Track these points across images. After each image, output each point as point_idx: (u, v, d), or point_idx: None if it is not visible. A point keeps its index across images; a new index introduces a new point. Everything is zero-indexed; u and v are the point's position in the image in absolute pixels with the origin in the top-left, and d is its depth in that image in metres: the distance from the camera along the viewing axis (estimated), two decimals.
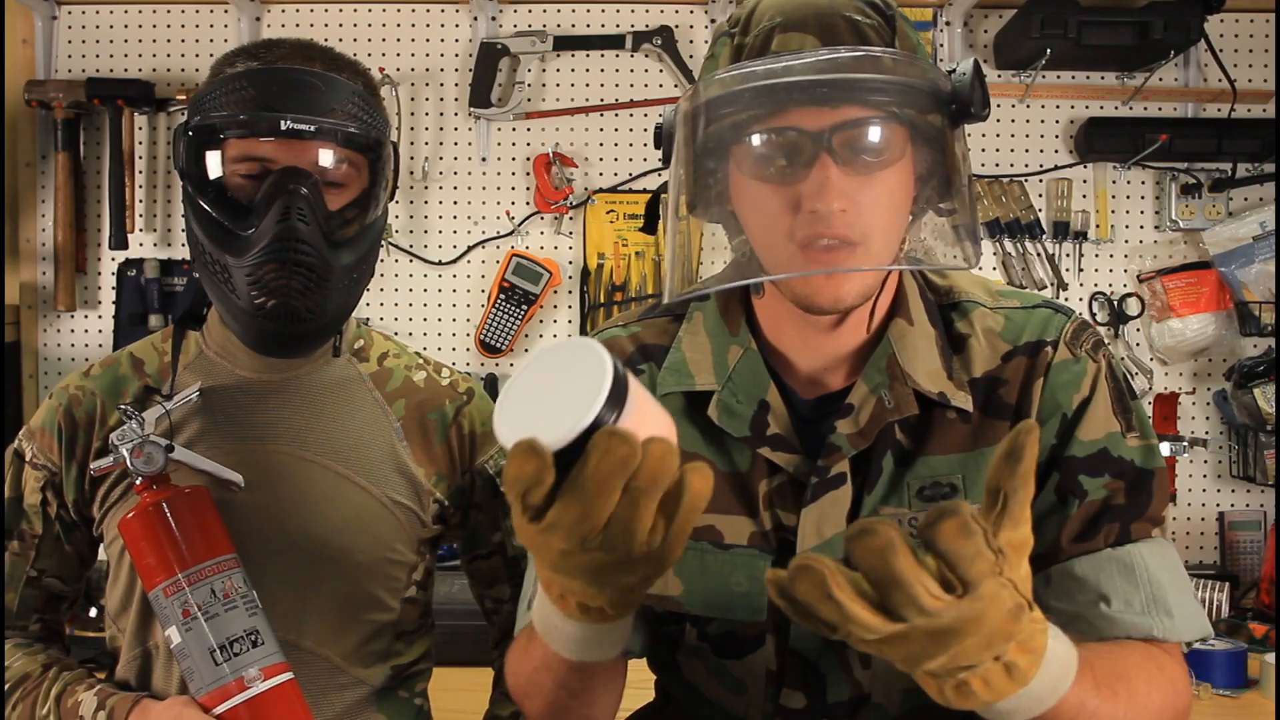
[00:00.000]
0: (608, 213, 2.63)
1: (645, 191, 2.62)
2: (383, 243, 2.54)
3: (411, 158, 2.62)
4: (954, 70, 1.00)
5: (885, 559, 0.70)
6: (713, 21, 2.61)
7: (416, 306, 2.65)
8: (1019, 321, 1.08)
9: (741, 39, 1.01)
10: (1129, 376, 1.11)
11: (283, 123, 1.14)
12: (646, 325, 1.18)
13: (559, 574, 0.77)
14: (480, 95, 2.58)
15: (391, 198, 1.27)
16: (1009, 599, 0.72)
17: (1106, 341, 1.09)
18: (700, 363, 1.11)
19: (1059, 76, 2.60)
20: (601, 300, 2.62)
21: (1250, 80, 2.60)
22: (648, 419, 0.76)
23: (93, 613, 2.24)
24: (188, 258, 2.59)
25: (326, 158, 1.17)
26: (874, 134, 0.96)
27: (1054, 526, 1.04)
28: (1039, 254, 2.62)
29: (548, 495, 0.73)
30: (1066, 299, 2.61)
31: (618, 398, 0.74)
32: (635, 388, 0.76)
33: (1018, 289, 1.13)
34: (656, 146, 1.09)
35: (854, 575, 0.72)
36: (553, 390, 0.75)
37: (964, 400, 1.05)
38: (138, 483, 1.15)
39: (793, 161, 0.97)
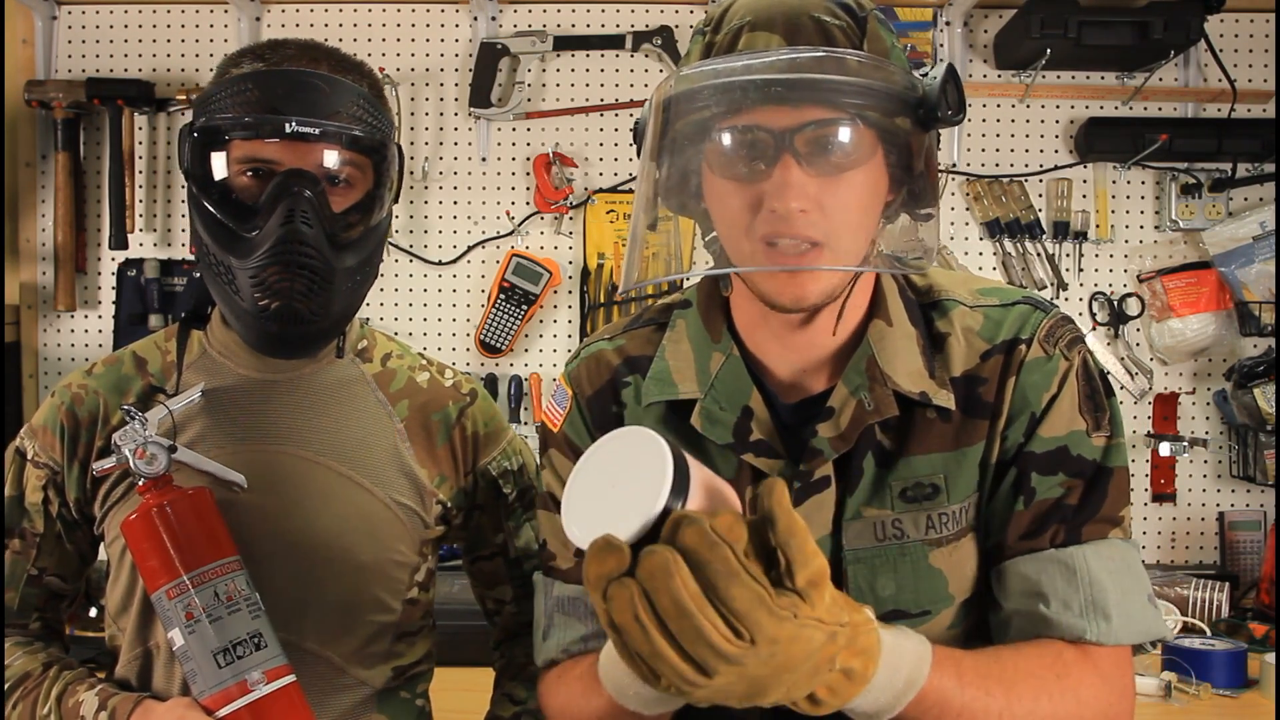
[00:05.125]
0: (608, 213, 2.63)
1: None
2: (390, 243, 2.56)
3: (411, 158, 2.62)
4: (927, 73, 0.99)
5: (666, 584, 0.71)
6: None
7: (416, 306, 2.65)
8: (996, 319, 1.08)
9: (713, 37, 1.02)
10: (1105, 374, 1.10)
11: (288, 125, 1.14)
12: (631, 336, 1.17)
13: None
14: (480, 95, 2.58)
15: (396, 199, 1.27)
16: (815, 634, 0.75)
17: (1084, 338, 1.09)
18: (683, 371, 1.10)
19: (1059, 76, 2.61)
20: (601, 300, 2.62)
21: (1250, 80, 2.60)
22: (710, 494, 0.79)
23: (92, 613, 2.24)
24: (188, 258, 2.60)
25: (331, 160, 1.17)
26: (837, 135, 0.96)
27: (1005, 522, 1.04)
28: (1039, 254, 2.62)
29: None
30: (1066, 299, 2.61)
31: (681, 481, 0.76)
32: (694, 467, 0.79)
33: (999, 286, 1.12)
34: (634, 144, 1.09)
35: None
36: (614, 483, 0.79)
37: (945, 399, 1.05)
38: (140, 484, 1.15)
39: (756, 160, 0.97)
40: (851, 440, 1.04)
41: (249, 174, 1.16)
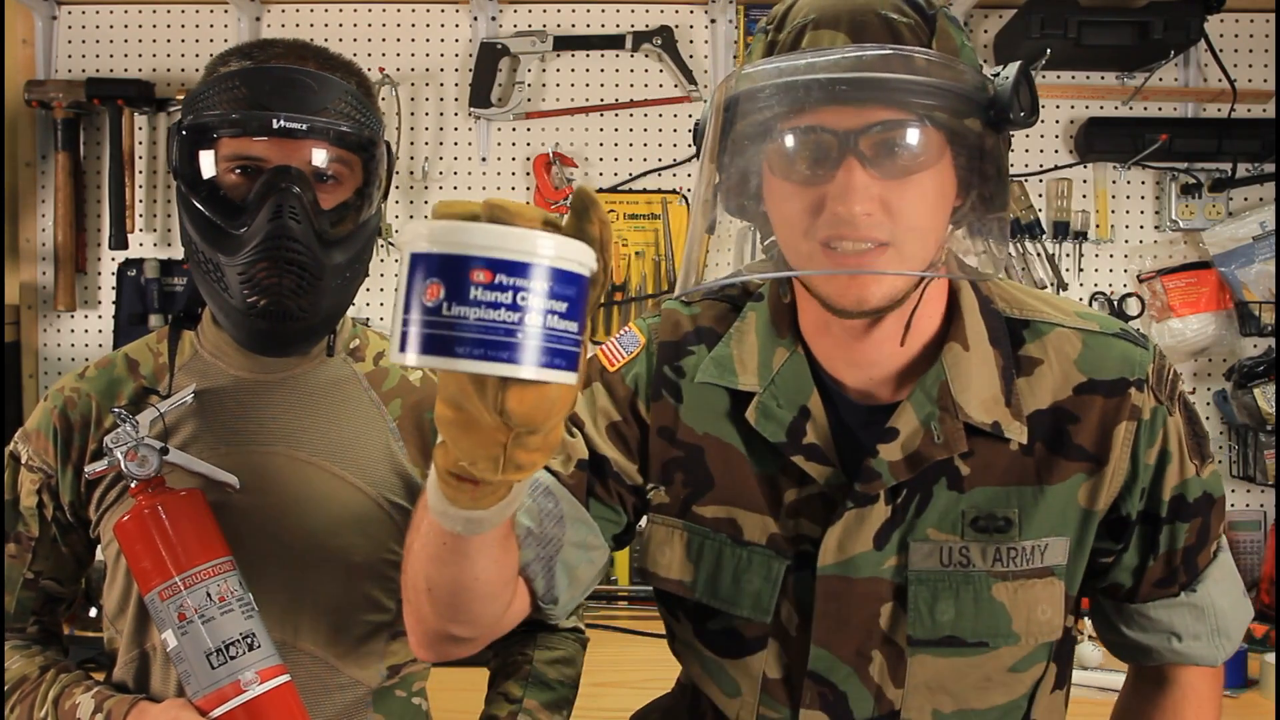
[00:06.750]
0: (608, 213, 2.62)
1: (645, 191, 2.62)
2: (382, 242, 2.56)
3: (411, 158, 2.62)
4: (998, 74, 0.95)
5: None
6: (712, 22, 2.61)
7: None
8: (1098, 351, 1.04)
9: (775, 35, 0.98)
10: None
11: (275, 121, 1.14)
12: (707, 307, 1.15)
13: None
14: (480, 95, 2.58)
15: (386, 197, 1.27)
16: None
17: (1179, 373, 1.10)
18: (746, 362, 1.08)
19: (1059, 76, 2.60)
20: (602, 300, 2.61)
21: (1250, 80, 2.59)
22: None
23: (93, 613, 2.24)
24: None
25: (319, 156, 1.17)
26: (903, 137, 0.92)
27: (1136, 575, 1.09)
28: (1039, 254, 2.61)
29: None
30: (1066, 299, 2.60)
31: None
32: None
33: (1093, 311, 1.10)
34: (693, 144, 1.07)
35: None
36: None
37: (1018, 431, 1.02)
38: (133, 486, 1.15)
39: (818, 162, 0.93)
40: (915, 469, 1.02)
41: (237, 171, 1.16)
